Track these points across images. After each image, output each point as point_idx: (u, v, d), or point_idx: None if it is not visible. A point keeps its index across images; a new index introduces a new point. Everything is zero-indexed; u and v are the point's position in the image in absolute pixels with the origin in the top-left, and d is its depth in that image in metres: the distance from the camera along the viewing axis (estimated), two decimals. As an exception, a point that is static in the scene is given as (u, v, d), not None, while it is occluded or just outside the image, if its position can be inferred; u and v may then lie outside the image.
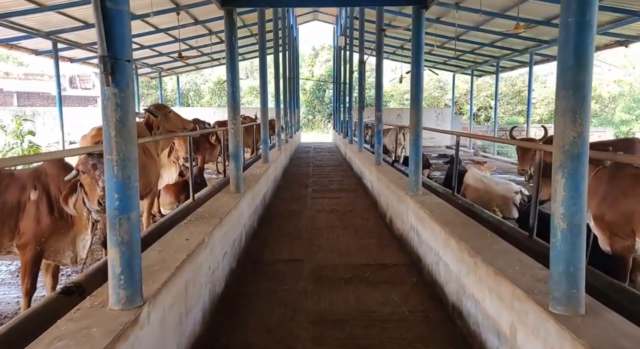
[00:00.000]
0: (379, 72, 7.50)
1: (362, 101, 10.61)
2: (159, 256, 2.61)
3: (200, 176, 7.89)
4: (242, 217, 4.66)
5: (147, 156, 5.08)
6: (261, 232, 6.02)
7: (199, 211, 3.88)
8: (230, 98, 4.76)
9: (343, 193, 9.11)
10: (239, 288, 4.02)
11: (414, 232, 4.53)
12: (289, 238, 5.79)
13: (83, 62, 16.88)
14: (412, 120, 4.73)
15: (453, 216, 3.79)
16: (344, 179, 11.06)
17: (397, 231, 5.54)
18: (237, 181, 4.81)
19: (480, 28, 14.22)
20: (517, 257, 2.68)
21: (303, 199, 8.56)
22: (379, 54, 7.50)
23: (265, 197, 7.09)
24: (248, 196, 5.18)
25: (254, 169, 7.16)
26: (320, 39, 66.12)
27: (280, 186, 9.71)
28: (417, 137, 4.76)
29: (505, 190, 7.13)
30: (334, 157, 16.40)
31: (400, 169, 7.50)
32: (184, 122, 5.97)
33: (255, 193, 5.82)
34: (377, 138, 7.77)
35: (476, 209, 4.79)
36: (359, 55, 10.60)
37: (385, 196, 6.35)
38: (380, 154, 7.76)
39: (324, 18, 24.70)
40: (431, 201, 4.46)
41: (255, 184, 5.84)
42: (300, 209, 7.64)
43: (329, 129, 35.42)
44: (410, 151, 4.83)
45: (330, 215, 7.14)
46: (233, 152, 4.81)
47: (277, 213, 7.24)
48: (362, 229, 6.21)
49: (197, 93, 40.39)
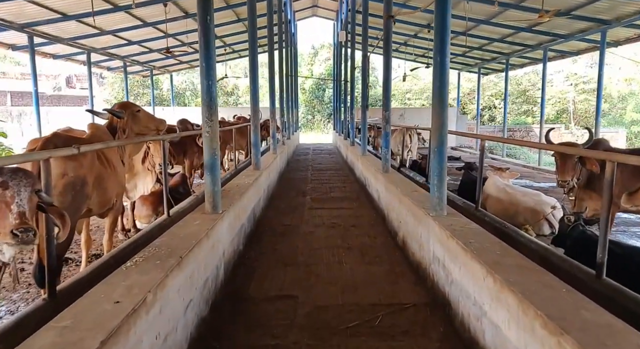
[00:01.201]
0: (387, 66, 6.50)
1: (366, 99, 9.61)
2: (60, 340, 1.62)
3: (183, 184, 6.89)
4: (218, 246, 3.66)
5: (106, 165, 4.08)
6: (248, 256, 5.03)
7: (155, 244, 2.88)
8: (204, 93, 3.77)
9: (345, 202, 8.12)
10: (207, 345, 3.03)
11: (438, 264, 3.54)
12: (281, 264, 4.80)
13: (67, 59, 15.88)
14: (436, 122, 3.74)
15: (498, 251, 2.80)
16: (345, 185, 10.07)
17: (412, 256, 4.55)
18: (213, 198, 3.82)
19: (491, 21, 13.24)
20: (630, 339, 1.70)
21: (300, 209, 7.56)
22: (386, 45, 6.51)
23: (255, 211, 6.10)
24: (230, 215, 4.19)
25: (242, 177, 6.16)
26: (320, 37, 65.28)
27: (274, 195, 8.71)
28: (441, 143, 3.77)
29: (535, 202, 6.13)
30: (334, 160, 15.41)
31: (411, 178, 6.50)
32: (156, 123, 4.97)
33: (241, 210, 4.83)
34: (384, 141, 6.78)
35: (510, 230, 3.80)
36: (362, 50, 9.61)
37: (396, 211, 5.36)
38: (387, 160, 6.77)
39: (324, 14, 23.71)
40: (462, 225, 3.47)
41: (241, 198, 4.85)
42: (297, 223, 6.64)
43: (329, 130, 34.44)
44: (432, 161, 3.84)
45: (331, 231, 6.15)
46: (208, 163, 3.81)
47: (269, 229, 6.24)
48: (369, 251, 5.21)
49: (194, 92, 39.38)
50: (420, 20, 15.18)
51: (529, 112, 32.06)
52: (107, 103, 33.03)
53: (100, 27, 13.18)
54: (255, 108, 6.78)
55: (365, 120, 9.59)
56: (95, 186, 3.85)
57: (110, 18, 12.52)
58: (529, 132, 23.74)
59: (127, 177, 6.34)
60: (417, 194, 4.90)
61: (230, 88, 38.48)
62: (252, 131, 6.79)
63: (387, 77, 6.50)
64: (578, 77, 29.79)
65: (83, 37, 13.47)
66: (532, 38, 14.22)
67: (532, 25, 12.85)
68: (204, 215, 3.79)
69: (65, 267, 5.14)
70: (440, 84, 3.71)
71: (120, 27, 13.59)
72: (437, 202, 3.79)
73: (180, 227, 3.33)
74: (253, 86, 6.79)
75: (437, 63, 3.72)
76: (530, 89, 31.77)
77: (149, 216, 6.50)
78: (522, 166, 15.13)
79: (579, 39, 12.79)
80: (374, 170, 7.43)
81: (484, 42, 15.90)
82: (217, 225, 3.64)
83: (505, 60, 17.39)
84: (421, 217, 4.11)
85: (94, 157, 3.85)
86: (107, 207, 4.24)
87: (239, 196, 4.80)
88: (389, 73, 6.59)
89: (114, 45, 15.52)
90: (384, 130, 6.68)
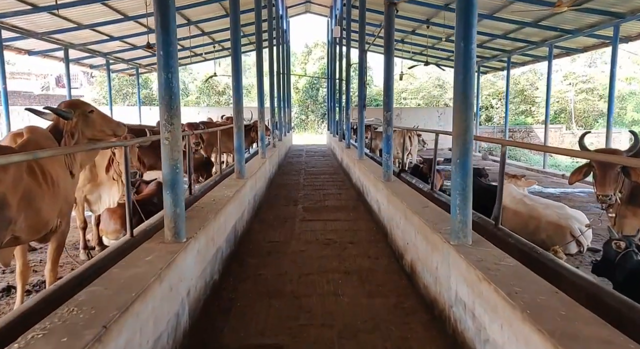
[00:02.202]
0: (388, 61, 5.69)
1: (363, 98, 8.81)
2: None
3: (160, 194, 6.02)
4: (180, 286, 2.83)
5: (41, 180, 3.23)
6: (225, 285, 4.19)
7: (77, 301, 2.04)
8: (163, 89, 2.94)
9: (341, 213, 7.30)
10: None
11: (463, 310, 2.73)
12: (265, 296, 3.97)
13: (45, 56, 14.91)
14: (459, 126, 2.93)
15: (562, 310, 1.99)
16: (341, 191, 9.25)
17: (424, 289, 3.74)
18: (175, 223, 2.98)
19: (494, 16, 12.47)
20: None
21: (290, 221, 6.73)
22: (387, 37, 5.70)
23: (238, 227, 5.27)
24: (199, 241, 3.35)
25: (222, 189, 5.32)
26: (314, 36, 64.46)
27: (262, 204, 7.87)
28: (465, 153, 2.96)
29: (559, 216, 5.35)
30: (328, 163, 14.58)
31: (417, 187, 5.69)
32: (113, 126, 4.13)
33: (217, 232, 3.99)
34: (385, 145, 5.96)
35: (543, 257, 3.02)
36: (359, 44, 8.80)
37: (401, 229, 4.55)
38: (390, 167, 5.95)
39: (317, 10, 22.87)
40: (495, 260, 2.66)
41: (217, 216, 4.01)
42: (286, 239, 5.82)
43: (323, 130, 33.61)
44: (454, 174, 3.03)
45: (325, 250, 5.33)
46: (168, 179, 2.97)
47: (254, 248, 5.41)
48: (371, 277, 4.39)
49: (184, 92, 38.40)
50: (419, 15, 14.40)
51: (527, 112, 31.43)
52: (96, 103, 32.01)
53: (77, 21, 12.25)
54: (238, 108, 5.94)
55: (362, 121, 8.78)
56: (22, 206, 2.99)
57: (88, 10, 11.60)
58: (529, 133, 23.05)
59: (89, 188, 5.51)
60: (429, 211, 4.09)
61: (222, 87, 37.49)
62: (235, 134, 5.94)
63: (388, 74, 5.69)
64: (576, 76, 29.20)
65: (59, 32, 12.53)
66: (537, 34, 13.48)
67: (538, 20, 12.11)
68: (162, 245, 2.95)
69: (6, 298, 4.29)
70: (464, 78, 2.90)
71: (100, 21, 12.66)
72: (460, 227, 2.98)
73: (123, 268, 2.48)
74: (236, 83, 5.95)
75: (461, 51, 2.90)
76: (529, 88, 31.13)
77: (116, 231, 5.67)
78: (526, 168, 14.40)
79: (588, 35, 12.06)
80: (373, 177, 6.62)
81: (484, 38, 15.13)
82: (179, 259, 2.80)
83: (507, 58, 16.64)
84: (437, 244, 3.30)
85: (21, 171, 2.99)
86: (44, 232, 3.39)
87: (214, 214, 3.96)
88: (390, 69, 5.78)
89: (94, 41, 14.58)
90: (385, 132, 5.87)
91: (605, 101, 27.68)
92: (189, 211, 4.01)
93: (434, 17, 14.26)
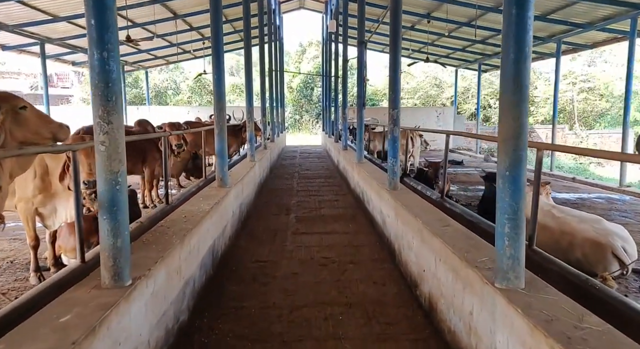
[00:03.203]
0: (394, 46, 4.84)
1: (362, 96, 7.98)
2: None
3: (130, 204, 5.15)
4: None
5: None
6: (197, 327, 3.33)
7: None
8: (96, 72, 2.10)
9: (339, 224, 6.47)
10: None
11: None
12: (246, 340, 3.13)
13: (20, 51, 13.91)
14: (509, 126, 2.12)
15: None
16: (338, 198, 8.42)
17: (448, 334, 2.92)
18: (116, 261, 2.13)
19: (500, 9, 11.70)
20: None
21: (282, 235, 5.89)
22: (394, 15, 4.85)
23: (217, 247, 4.41)
24: (154, 281, 2.50)
25: (199, 201, 4.46)
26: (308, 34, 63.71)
27: (250, 214, 7.02)
28: (517, 162, 2.14)
29: (597, 232, 4.54)
30: (324, 166, 13.74)
31: (427, 197, 4.87)
32: (53, 128, 3.25)
33: (182, 262, 3.14)
34: (391, 149, 5.12)
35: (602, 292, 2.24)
36: (358, 35, 7.98)
37: (416, 253, 3.72)
38: (396, 174, 5.12)
39: (311, 5, 22.04)
40: (573, 319, 1.84)
41: (184, 241, 3.16)
42: (276, 258, 4.97)
43: (318, 130, 32.79)
44: (501, 192, 2.21)
45: (322, 272, 4.49)
46: (105, 199, 2.13)
47: (238, 270, 4.56)
48: (379, 312, 3.56)
49: (176, 91, 37.43)
50: (419, 9, 13.61)
51: (525, 112, 30.72)
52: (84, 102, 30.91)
53: (52, 13, 11.33)
54: (220, 105, 5.07)
55: (362, 120, 7.96)
56: None
57: (63, 0, 10.69)
58: (530, 134, 22.30)
59: (41, 200, 4.62)
60: (452, 232, 3.27)
61: (214, 86, 36.51)
62: (217, 136, 5.08)
63: (395, 63, 4.85)
64: (576, 75, 28.56)
65: (32, 24, 11.58)
66: (544, 28, 12.72)
67: (547, 13, 11.36)
68: (95, 293, 2.10)
69: None
70: (517, 59, 2.08)
71: (77, 12, 11.72)
72: (511, 265, 2.16)
73: (25, 334, 1.63)
74: (217, 76, 5.09)
75: (512, 21, 2.09)
76: (527, 87, 30.44)
77: None
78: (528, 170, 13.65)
79: (600, 29, 11.32)
80: (376, 185, 5.79)
81: (487, 34, 14.38)
82: (117, 315, 1.95)
83: (510, 54, 15.86)
84: (473, 283, 2.48)
85: None
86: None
87: (182, 237, 3.11)
88: (397, 59, 4.93)
89: (73, 35, 13.62)
90: (391, 133, 5.04)
91: (607, 101, 27.10)
92: (149, 234, 3.16)
93: (436, 11, 13.47)
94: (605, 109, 27.34)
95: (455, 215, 4.23)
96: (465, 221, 3.73)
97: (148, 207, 7.79)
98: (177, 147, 7.56)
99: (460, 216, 3.97)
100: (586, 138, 22.34)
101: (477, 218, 3.92)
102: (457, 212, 4.42)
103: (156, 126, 8.27)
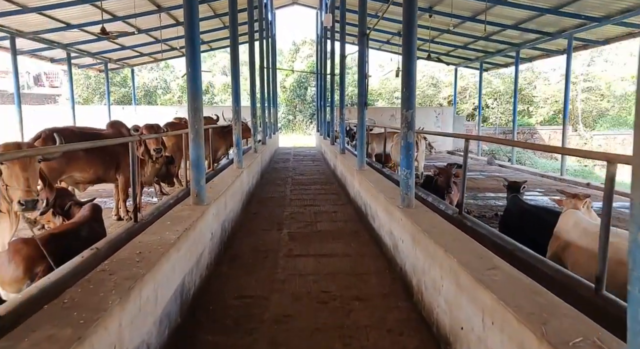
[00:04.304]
0: (408, 33, 3.94)
1: (364, 94, 7.08)
2: None
3: (93, 222, 4.19)
4: None
5: None
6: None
7: None
8: None
9: (339, 243, 5.55)
10: None
11: None
12: None
13: None
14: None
15: None
16: (336, 208, 7.50)
17: None
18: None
19: (509, 1, 10.87)
20: None
21: (272, 258, 4.97)
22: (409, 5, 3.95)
23: (187, 285, 3.47)
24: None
25: (165, 225, 3.52)
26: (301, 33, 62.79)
27: (236, 231, 6.07)
28: None
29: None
30: (319, 170, 12.82)
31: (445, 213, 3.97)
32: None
33: (125, 329, 2.20)
34: (405, 159, 4.20)
35: None
36: (359, 27, 7.07)
37: (451, 303, 2.81)
38: (410, 188, 4.20)
39: (305, 1, 21.11)
40: None
41: (129, 296, 2.23)
42: (264, 291, 4.04)
43: (312, 131, 31.86)
44: (633, 234, 1.29)
45: (321, 314, 3.57)
46: None
47: (215, 311, 3.61)
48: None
49: (166, 90, 36.33)
50: (420, 2, 12.73)
51: (524, 112, 30.07)
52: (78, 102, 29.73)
53: (20, 3, 10.31)
54: (196, 105, 4.13)
55: (363, 122, 7.05)
56: None
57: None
58: (532, 135, 21.59)
59: (-34, 224, 3.70)
60: (506, 280, 2.36)
61: (205, 86, 35.45)
62: (191, 142, 4.13)
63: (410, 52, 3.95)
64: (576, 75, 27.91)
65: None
66: (554, 23, 11.91)
67: (559, 6, 10.54)
68: None
69: None
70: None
71: (49, 3, 10.71)
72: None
73: None
74: (192, 70, 4.15)
75: None
76: (526, 87, 29.78)
77: (18, 280, 3.81)
78: (541, 175, 12.85)
79: (616, 23, 10.52)
80: (384, 199, 4.88)
81: (492, 29, 13.53)
82: None
83: (516, 52, 15.07)
84: None
85: None
86: None
87: (123, 295, 2.17)
88: (412, 50, 4.02)
89: (48, 28, 12.59)
90: (404, 139, 4.13)
91: (608, 101, 26.45)
92: (78, 287, 2.22)
93: (438, 5, 12.62)
94: (605, 109, 26.70)
95: (483, 238, 3.34)
96: (516, 259, 2.83)
97: (122, 219, 6.81)
98: (155, 151, 6.59)
99: (516, 256, 3.03)
100: (590, 139, 21.63)
101: (526, 253, 3.01)
102: (485, 235, 3.54)
103: (131, 127, 7.27)
